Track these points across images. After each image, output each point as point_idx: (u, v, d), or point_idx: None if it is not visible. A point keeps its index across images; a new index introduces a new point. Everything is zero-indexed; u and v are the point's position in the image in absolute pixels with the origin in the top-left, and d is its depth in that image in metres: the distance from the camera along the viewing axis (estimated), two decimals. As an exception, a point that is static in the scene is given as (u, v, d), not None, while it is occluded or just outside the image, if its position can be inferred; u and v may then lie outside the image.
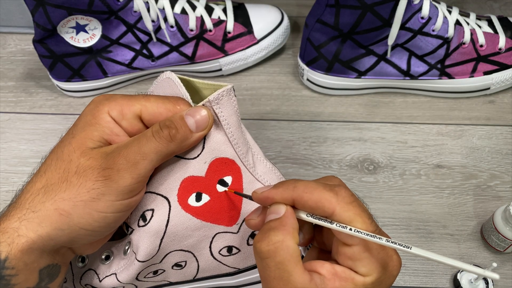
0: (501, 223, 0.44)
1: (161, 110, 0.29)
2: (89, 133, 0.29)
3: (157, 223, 0.31)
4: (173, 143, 0.28)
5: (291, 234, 0.27)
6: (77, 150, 0.28)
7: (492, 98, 0.59)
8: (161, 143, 0.28)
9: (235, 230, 0.34)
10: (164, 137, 0.28)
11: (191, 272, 0.35)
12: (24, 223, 0.27)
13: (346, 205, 0.27)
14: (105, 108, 0.29)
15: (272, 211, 0.28)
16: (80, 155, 0.28)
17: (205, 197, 0.32)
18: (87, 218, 0.27)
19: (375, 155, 0.54)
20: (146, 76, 0.62)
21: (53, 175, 0.28)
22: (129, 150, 0.28)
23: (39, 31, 0.53)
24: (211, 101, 0.30)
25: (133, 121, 0.29)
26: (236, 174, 0.32)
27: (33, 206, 0.27)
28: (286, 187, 0.28)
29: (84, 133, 0.29)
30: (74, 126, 0.30)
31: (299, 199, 0.27)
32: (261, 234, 0.27)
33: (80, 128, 0.29)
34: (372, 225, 0.27)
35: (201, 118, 0.29)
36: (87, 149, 0.28)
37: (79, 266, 0.35)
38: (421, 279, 0.46)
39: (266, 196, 0.29)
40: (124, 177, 0.27)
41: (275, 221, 0.27)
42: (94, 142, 0.28)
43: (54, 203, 0.27)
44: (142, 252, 0.31)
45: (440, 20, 0.52)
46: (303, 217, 0.28)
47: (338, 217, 0.26)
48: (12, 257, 0.26)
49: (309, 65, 0.58)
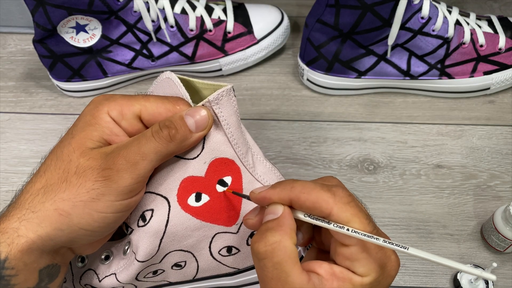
0: (501, 223, 0.44)
1: (160, 110, 0.29)
2: (89, 133, 0.29)
3: (156, 223, 0.31)
4: (173, 143, 0.28)
5: (289, 234, 0.27)
6: (76, 150, 0.28)
7: (492, 98, 0.59)
8: (161, 143, 0.28)
9: (235, 230, 0.33)
10: (163, 137, 0.28)
11: (191, 272, 0.35)
12: (24, 223, 0.27)
13: (344, 205, 0.27)
14: (104, 108, 0.29)
15: (270, 212, 0.28)
16: (79, 155, 0.28)
17: (204, 197, 0.32)
18: (87, 219, 0.27)
19: (375, 155, 0.54)
20: (146, 76, 0.62)
21: (53, 175, 0.28)
22: (129, 150, 0.28)
23: (39, 31, 0.53)
24: (210, 101, 0.30)
25: (133, 121, 0.29)
26: (236, 174, 0.32)
27: (33, 206, 0.27)
28: (283, 187, 0.28)
29: (84, 133, 0.29)
30: (74, 126, 0.30)
31: (296, 200, 0.27)
32: (258, 235, 0.27)
33: (79, 128, 0.29)
34: (369, 226, 0.27)
35: (200, 118, 0.29)
36: (86, 149, 0.28)
37: (79, 266, 0.35)
38: (421, 279, 0.46)
39: (264, 196, 0.29)
40: (124, 177, 0.27)
41: (273, 221, 0.27)
42: (94, 142, 0.28)
43: (54, 203, 0.27)
44: (142, 252, 0.31)
45: (440, 20, 0.52)
46: (300, 217, 0.28)
47: (336, 218, 0.26)
48: (12, 257, 0.26)
49: (309, 65, 0.58)
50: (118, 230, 0.33)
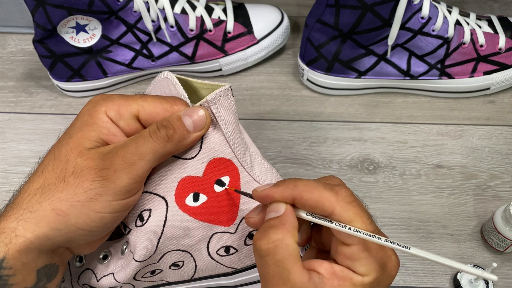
0: (501, 223, 0.44)
1: (158, 110, 0.29)
2: (86, 133, 0.29)
3: (154, 223, 0.31)
4: (171, 143, 0.28)
5: (291, 232, 0.27)
6: (74, 150, 0.28)
7: (492, 98, 0.59)
8: (159, 143, 0.28)
9: (233, 230, 0.33)
10: (161, 137, 0.28)
11: (189, 272, 0.35)
12: (22, 223, 0.27)
13: (346, 204, 0.27)
14: (102, 108, 0.29)
15: (272, 209, 0.28)
16: (77, 155, 0.28)
17: (202, 197, 0.31)
18: (84, 218, 0.27)
19: (375, 155, 0.54)
20: (146, 76, 0.62)
21: (50, 175, 0.28)
22: (126, 150, 0.28)
23: (39, 31, 0.53)
24: (208, 101, 0.30)
25: (131, 121, 0.29)
26: (234, 174, 0.32)
27: (31, 206, 0.27)
28: (286, 186, 0.28)
29: (82, 133, 0.29)
30: (72, 126, 0.30)
31: (299, 198, 0.27)
32: (260, 232, 0.27)
33: (77, 128, 0.29)
34: (371, 225, 0.27)
35: (198, 118, 0.29)
36: (84, 149, 0.28)
37: (77, 265, 0.35)
38: (421, 279, 0.46)
39: (266, 194, 0.29)
40: (121, 177, 0.27)
41: (275, 219, 0.27)
42: (92, 142, 0.28)
43: (51, 203, 0.27)
44: (140, 252, 0.31)
45: (440, 20, 0.52)
46: (303, 216, 0.28)
47: (338, 217, 0.26)
48: (9, 257, 0.26)
49: (309, 65, 0.58)
50: (116, 230, 0.33)
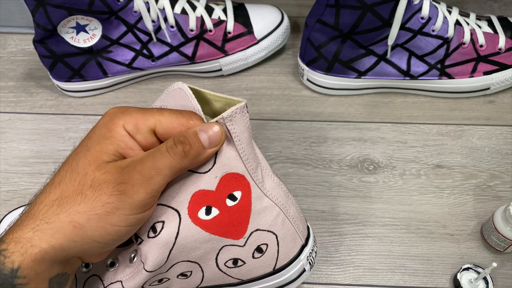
0: (501, 223, 0.44)
1: (174, 125, 0.29)
2: (104, 147, 0.29)
3: (167, 235, 0.31)
4: (187, 159, 0.29)
5: None
6: (92, 164, 0.28)
7: (492, 98, 0.59)
8: (175, 158, 0.28)
9: (242, 244, 0.34)
10: (178, 153, 0.28)
11: (195, 282, 0.36)
12: (38, 234, 0.27)
13: None
14: (120, 122, 0.29)
15: None
16: (95, 168, 0.28)
17: (214, 211, 0.32)
18: (101, 231, 0.28)
19: (375, 155, 0.54)
20: (146, 76, 0.62)
21: (68, 187, 0.28)
22: (144, 165, 0.28)
23: (39, 31, 0.53)
24: (224, 118, 0.30)
25: (147, 135, 0.30)
26: (246, 189, 0.32)
27: (47, 218, 0.27)
28: None
29: (99, 146, 0.29)
30: (88, 139, 0.30)
31: None
32: None
33: (95, 141, 0.29)
34: None
35: (214, 134, 0.29)
36: (102, 162, 0.28)
37: (83, 271, 0.35)
38: (421, 279, 0.46)
39: None
40: (139, 192, 0.28)
41: None
42: (109, 155, 0.29)
43: (69, 215, 0.27)
44: (151, 262, 0.31)
45: (440, 20, 0.52)
46: None
47: None
48: (24, 267, 0.26)
49: (309, 65, 0.58)
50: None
